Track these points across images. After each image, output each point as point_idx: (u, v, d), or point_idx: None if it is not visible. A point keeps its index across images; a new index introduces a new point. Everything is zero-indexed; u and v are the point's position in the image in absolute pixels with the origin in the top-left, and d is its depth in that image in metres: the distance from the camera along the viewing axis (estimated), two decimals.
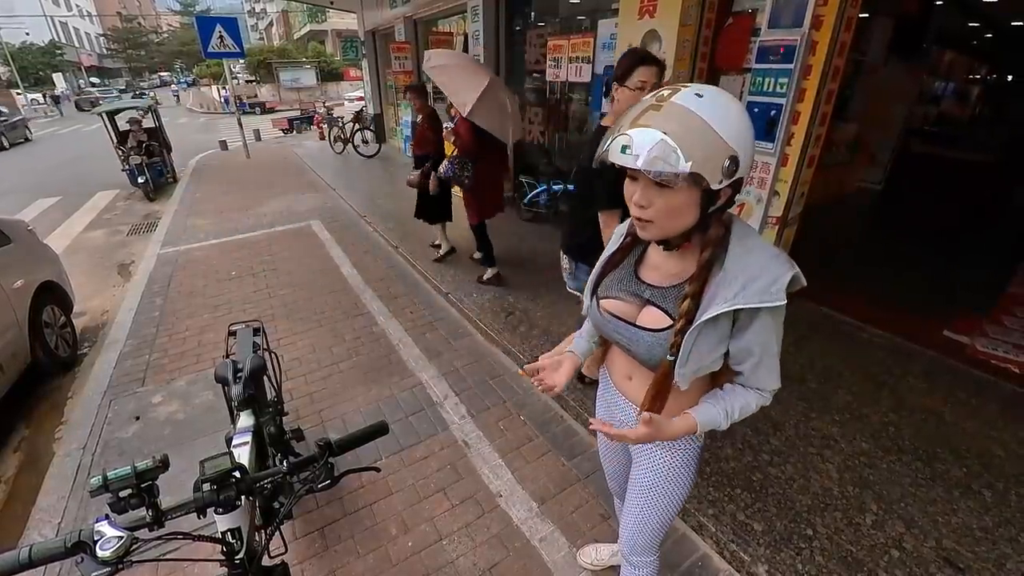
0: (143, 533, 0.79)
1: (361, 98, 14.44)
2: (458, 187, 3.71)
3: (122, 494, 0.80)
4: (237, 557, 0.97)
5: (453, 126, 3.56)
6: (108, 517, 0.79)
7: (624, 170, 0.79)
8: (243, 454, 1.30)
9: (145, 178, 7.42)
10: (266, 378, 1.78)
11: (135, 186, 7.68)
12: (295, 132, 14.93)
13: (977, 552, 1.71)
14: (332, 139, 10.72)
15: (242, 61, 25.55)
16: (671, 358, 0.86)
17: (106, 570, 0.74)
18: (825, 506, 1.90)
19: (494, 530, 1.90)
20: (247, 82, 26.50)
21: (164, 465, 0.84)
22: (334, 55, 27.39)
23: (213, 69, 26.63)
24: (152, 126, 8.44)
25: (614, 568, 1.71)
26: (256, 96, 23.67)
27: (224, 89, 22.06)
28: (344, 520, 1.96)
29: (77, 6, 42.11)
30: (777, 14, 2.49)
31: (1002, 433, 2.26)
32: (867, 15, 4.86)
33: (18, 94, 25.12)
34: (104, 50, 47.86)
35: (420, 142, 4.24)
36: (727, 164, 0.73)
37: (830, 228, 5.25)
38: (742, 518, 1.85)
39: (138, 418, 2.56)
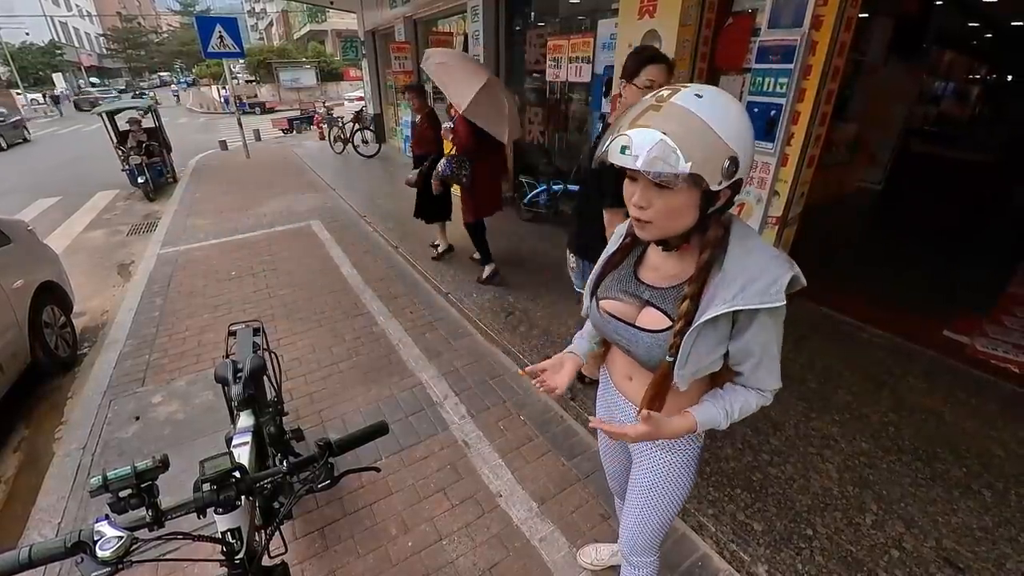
0: (143, 533, 0.79)
1: (361, 98, 14.45)
2: (456, 185, 3.72)
3: (122, 494, 0.80)
4: (237, 557, 0.97)
5: (452, 125, 3.57)
6: (108, 517, 0.79)
7: (625, 170, 0.79)
8: (243, 454, 1.30)
9: (145, 178, 7.43)
10: (266, 378, 1.78)
11: (135, 186, 7.69)
12: (295, 132, 14.94)
13: (977, 552, 1.71)
14: (332, 139, 10.73)
15: (242, 61, 25.56)
16: (670, 359, 0.86)
17: (106, 570, 0.74)
18: (825, 506, 1.90)
19: (494, 530, 1.90)
20: (247, 82, 26.52)
21: (164, 465, 0.84)
22: (334, 55, 27.39)
23: (213, 69, 26.65)
24: (152, 126, 8.44)
25: (614, 568, 1.71)
26: (256, 96, 23.69)
27: (224, 89, 22.07)
28: (344, 520, 1.96)
29: (77, 6, 42.11)
30: (777, 14, 2.49)
31: (1002, 433, 2.26)
32: (867, 15, 4.86)
33: (18, 94, 25.09)
34: (104, 50, 47.86)
35: (419, 141, 4.24)
36: (727, 165, 0.72)
37: (830, 228, 5.24)
38: (742, 518, 1.85)
39: (138, 418, 2.56)
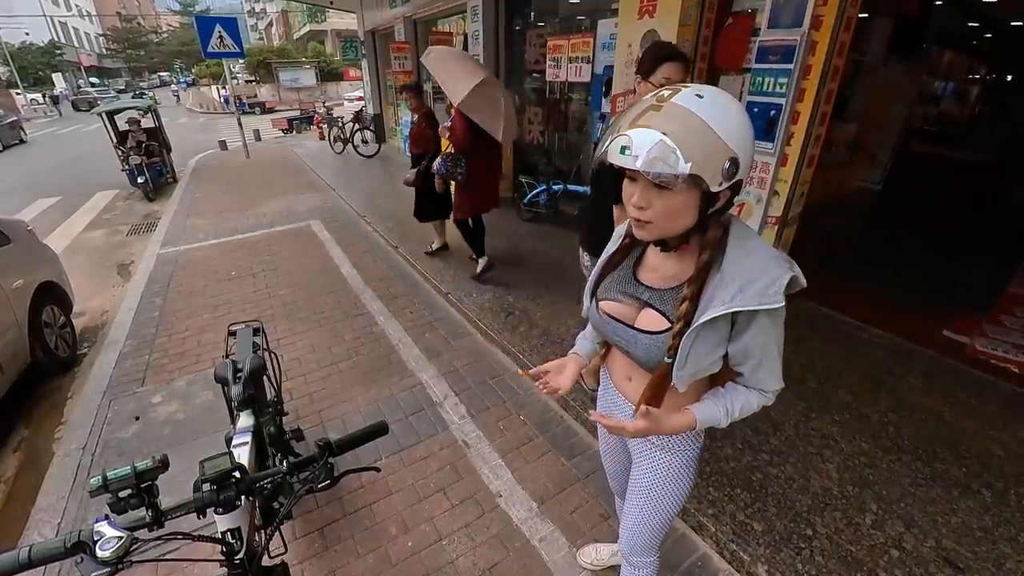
0: (143, 533, 0.79)
1: (361, 98, 14.45)
2: (452, 182, 3.75)
3: (122, 494, 0.80)
4: (237, 557, 0.97)
5: (450, 123, 3.58)
6: (108, 517, 0.78)
7: (624, 169, 0.79)
8: (243, 454, 1.30)
9: (145, 178, 7.42)
10: (266, 378, 1.78)
11: (135, 186, 7.69)
12: (295, 132, 14.94)
13: (977, 552, 1.71)
14: (332, 139, 10.72)
15: (242, 61, 25.55)
16: (669, 360, 0.86)
17: (106, 570, 0.74)
18: (825, 506, 1.90)
19: (494, 530, 1.90)
20: (247, 82, 26.50)
21: (164, 465, 0.84)
22: (334, 55, 27.38)
23: (213, 69, 26.62)
24: (152, 126, 8.43)
25: (614, 568, 1.71)
26: (256, 96, 23.68)
27: (224, 89, 22.05)
28: (344, 520, 1.96)
29: (77, 6, 42.08)
30: (777, 14, 2.49)
31: (1002, 433, 2.26)
32: (867, 15, 4.86)
33: (17, 94, 25.10)
34: (104, 50, 47.83)
35: (417, 140, 4.26)
36: (727, 166, 0.72)
37: (830, 228, 5.24)
38: (742, 518, 1.85)
39: (138, 418, 2.56)
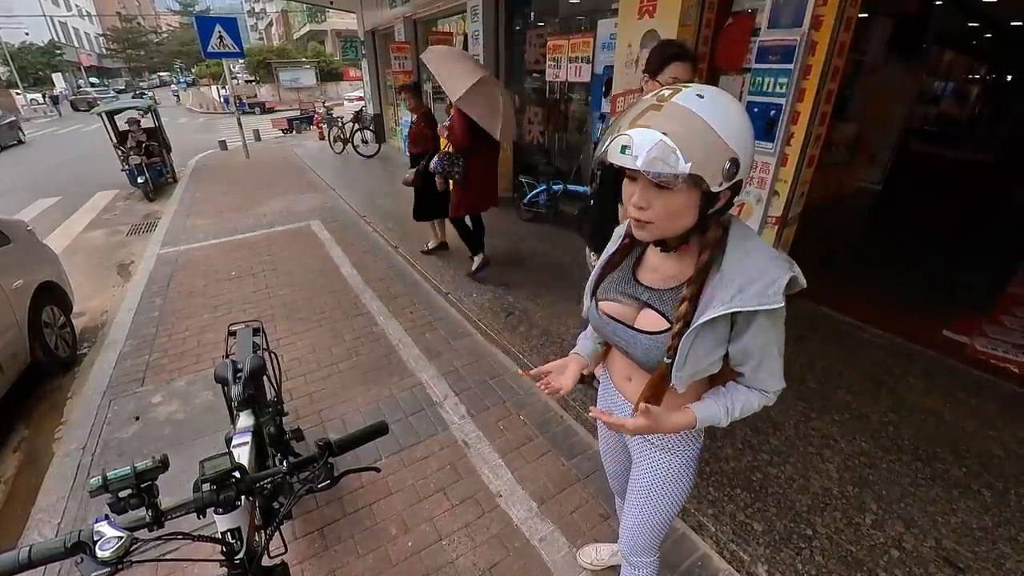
0: (143, 533, 0.79)
1: (361, 98, 14.45)
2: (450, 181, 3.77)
3: (122, 494, 0.80)
4: (237, 557, 0.97)
5: (448, 123, 3.59)
6: (108, 517, 0.78)
7: (624, 169, 0.79)
8: (243, 454, 1.30)
9: (145, 178, 7.42)
10: (266, 378, 1.78)
11: (135, 186, 7.69)
12: (295, 132, 14.93)
13: (976, 552, 1.71)
14: (332, 139, 10.72)
15: (242, 61, 25.53)
16: (668, 361, 0.86)
17: (106, 570, 0.74)
18: (825, 506, 1.90)
19: (494, 530, 1.90)
20: (247, 82, 26.49)
21: (164, 465, 0.84)
22: (334, 55, 27.38)
23: (213, 69, 26.60)
24: (151, 126, 8.43)
25: (614, 568, 1.71)
26: (256, 96, 23.68)
27: (224, 89, 22.04)
28: (344, 520, 1.96)
29: (76, 6, 42.07)
30: (777, 14, 2.49)
31: (1001, 433, 2.26)
32: (867, 15, 4.86)
33: (17, 94, 25.10)
34: (104, 50, 47.82)
35: (416, 140, 4.27)
36: (727, 166, 0.72)
37: (830, 228, 5.24)
38: (742, 518, 1.85)
39: (138, 418, 2.56)
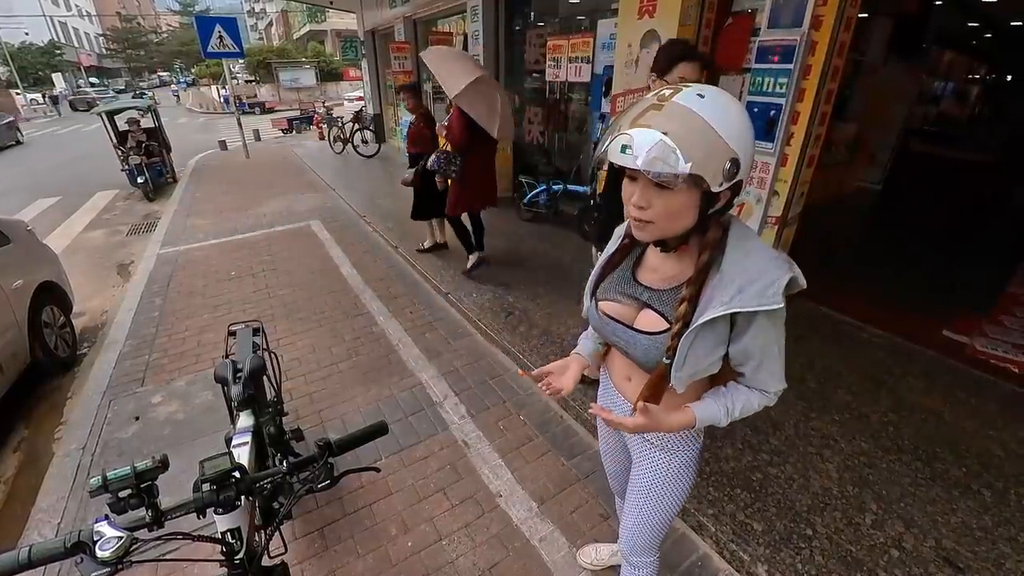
0: (143, 533, 0.79)
1: (361, 98, 14.45)
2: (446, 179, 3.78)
3: (122, 494, 0.80)
4: (237, 557, 0.97)
5: (447, 122, 3.60)
6: (108, 517, 0.78)
7: (624, 169, 0.79)
8: (243, 454, 1.30)
9: (144, 178, 7.42)
10: (266, 378, 1.78)
11: (134, 186, 7.69)
12: (294, 132, 14.93)
13: (976, 552, 1.71)
14: (332, 139, 10.72)
15: (242, 61, 25.53)
16: (667, 361, 0.86)
17: (106, 570, 0.74)
18: (825, 506, 1.90)
19: (494, 530, 1.90)
20: (247, 82, 26.49)
21: (164, 465, 0.84)
22: (334, 55, 27.38)
23: (213, 69, 26.60)
24: (151, 126, 8.43)
25: (614, 568, 1.71)
26: (256, 96, 23.68)
27: (224, 89, 22.03)
28: (344, 520, 1.96)
29: (76, 6, 42.06)
30: (776, 14, 2.48)
31: (1001, 433, 2.26)
32: (866, 15, 4.87)
33: (17, 94, 25.09)
34: (103, 50, 47.79)
35: (415, 140, 4.27)
36: (728, 166, 0.72)
37: (830, 228, 5.24)
38: (742, 518, 1.85)
39: (138, 418, 2.56)
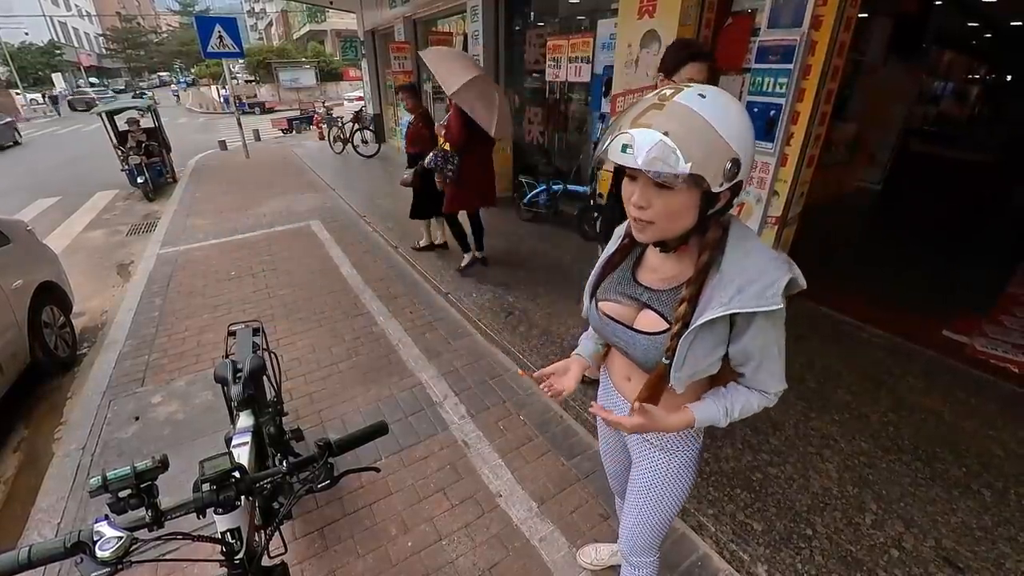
0: (143, 533, 0.79)
1: (360, 98, 14.45)
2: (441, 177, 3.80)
3: (121, 494, 0.80)
4: (237, 557, 0.97)
5: (445, 121, 3.61)
6: (107, 517, 0.78)
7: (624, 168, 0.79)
8: (243, 454, 1.30)
9: (144, 178, 7.42)
10: (265, 378, 1.78)
11: (134, 186, 7.69)
12: (294, 132, 14.93)
13: (976, 551, 1.71)
14: (331, 139, 10.72)
15: (241, 61, 25.52)
16: (666, 362, 0.86)
17: (105, 570, 0.74)
18: (825, 506, 1.90)
19: (494, 530, 1.90)
20: (247, 82, 26.48)
21: (163, 465, 0.84)
22: (334, 55, 27.39)
23: (212, 69, 26.61)
24: (151, 126, 8.43)
25: (614, 568, 1.71)
26: (255, 96, 23.67)
27: (224, 89, 22.02)
28: (344, 520, 1.96)
29: (76, 6, 42.05)
30: (776, 14, 2.49)
31: (1001, 433, 2.26)
32: (866, 15, 4.87)
33: (17, 94, 25.08)
34: (103, 50, 47.78)
35: (413, 140, 4.28)
36: (728, 167, 0.72)
37: (829, 228, 5.24)
38: (742, 518, 1.85)
39: (137, 418, 2.56)
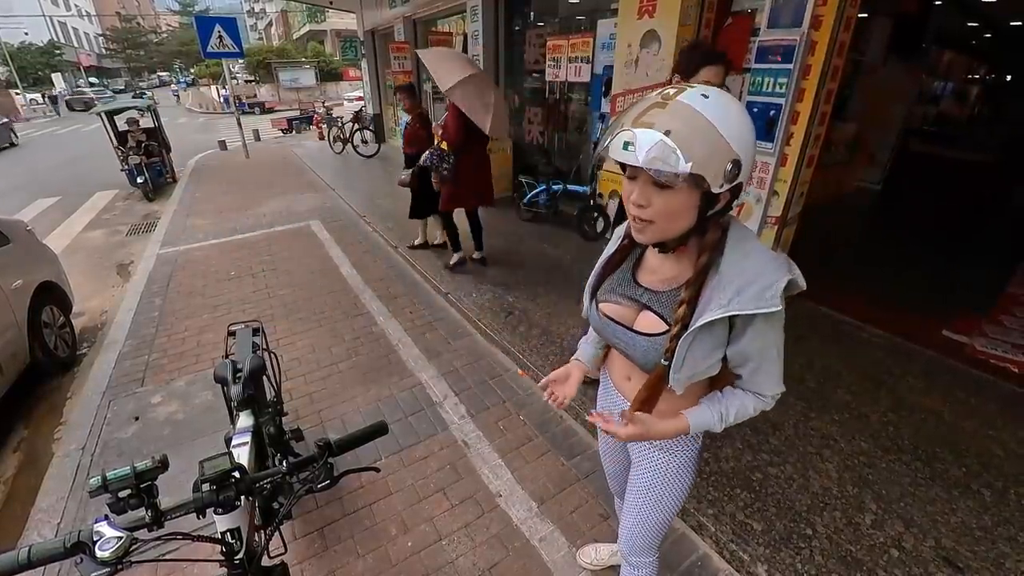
0: (142, 533, 0.79)
1: (360, 98, 14.45)
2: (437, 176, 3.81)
3: (121, 494, 0.80)
4: (236, 557, 0.97)
5: (443, 121, 3.62)
6: (107, 517, 0.78)
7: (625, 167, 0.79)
8: (242, 454, 1.30)
9: (144, 178, 7.42)
10: (265, 378, 1.78)
11: (134, 186, 7.68)
12: (294, 132, 14.93)
13: (976, 551, 1.72)
14: (331, 139, 10.72)
15: (241, 61, 25.53)
16: (665, 363, 0.86)
17: (105, 570, 0.74)
18: (824, 506, 1.90)
19: (494, 530, 1.90)
20: (246, 82, 26.49)
21: (163, 465, 0.84)
22: (333, 55, 27.40)
23: (212, 69, 26.63)
24: (151, 126, 8.43)
25: (614, 568, 1.71)
26: (255, 96, 23.68)
27: (223, 89, 22.01)
28: (344, 520, 1.95)
29: (76, 6, 42.03)
30: (776, 14, 2.49)
31: (1001, 433, 2.27)
32: (866, 15, 4.87)
33: (17, 94, 25.07)
34: (103, 50, 47.77)
35: (411, 140, 4.29)
36: (729, 168, 0.72)
37: (829, 228, 5.24)
38: (741, 518, 1.85)
39: (137, 418, 2.55)
